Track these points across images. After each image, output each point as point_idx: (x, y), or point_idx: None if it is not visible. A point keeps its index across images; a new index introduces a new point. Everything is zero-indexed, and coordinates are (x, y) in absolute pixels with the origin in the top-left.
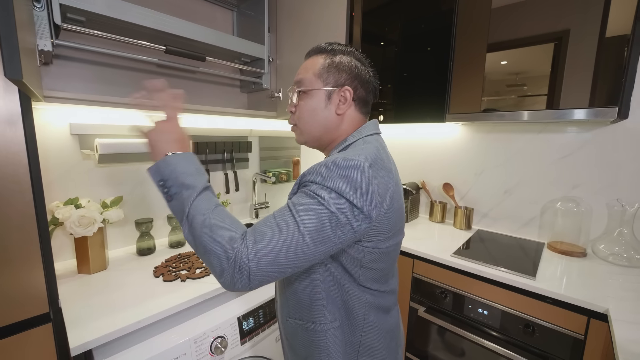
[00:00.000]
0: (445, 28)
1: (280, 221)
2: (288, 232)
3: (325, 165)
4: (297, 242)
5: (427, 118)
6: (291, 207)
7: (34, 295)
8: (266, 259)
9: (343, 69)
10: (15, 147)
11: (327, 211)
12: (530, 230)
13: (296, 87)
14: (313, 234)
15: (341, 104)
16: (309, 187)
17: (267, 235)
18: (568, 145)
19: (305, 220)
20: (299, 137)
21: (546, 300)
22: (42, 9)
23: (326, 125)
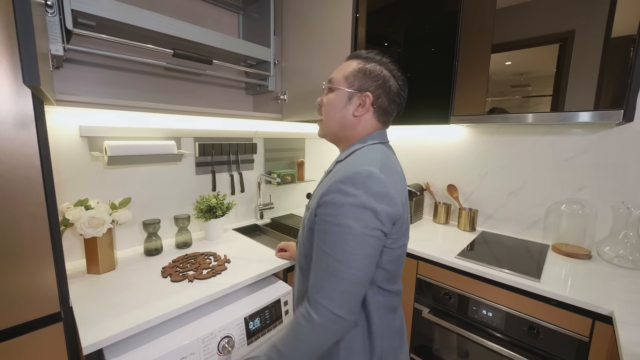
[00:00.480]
0: (450, 29)
1: (331, 269)
2: (340, 274)
3: (342, 181)
4: (352, 274)
5: (431, 120)
6: (330, 254)
7: (45, 295)
8: (340, 300)
9: (370, 76)
10: (29, 150)
11: (360, 236)
12: (534, 232)
13: (327, 84)
14: (362, 262)
15: (360, 107)
16: (331, 218)
17: (329, 286)
18: (573, 147)
19: (348, 259)
20: (320, 130)
21: (551, 302)
22: (54, 14)
23: (343, 123)
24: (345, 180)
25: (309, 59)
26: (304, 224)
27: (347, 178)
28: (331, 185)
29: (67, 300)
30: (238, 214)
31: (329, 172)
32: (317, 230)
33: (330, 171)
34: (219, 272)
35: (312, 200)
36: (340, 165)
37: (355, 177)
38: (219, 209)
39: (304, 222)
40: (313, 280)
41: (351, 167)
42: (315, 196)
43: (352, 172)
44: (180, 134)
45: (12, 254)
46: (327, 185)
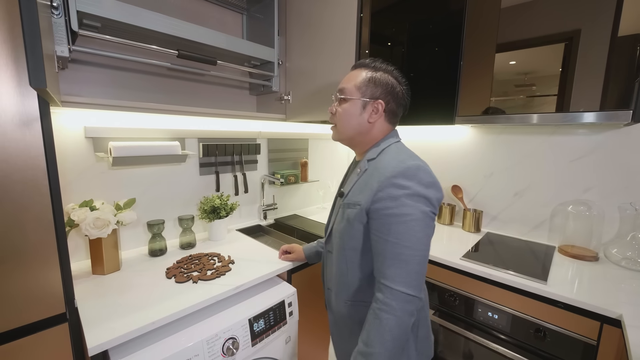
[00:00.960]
0: (454, 28)
1: (402, 256)
2: (410, 258)
3: (394, 176)
4: (420, 256)
5: (436, 120)
6: (396, 242)
7: (51, 296)
8: (416, 282)
9: (380, 84)
10: (35, 152)
11: (420, 220)
12: (540, 233)
13: (338, 94)
14: (425, 242)
15: (373, 113)
16: (393, 210)
17: (404, 272)
18: (580, 147)
19: (414, 242)
20: (335, 135)
21: (557, 305)
22: (60, 15)
23: (359, 130)
24: (398, 175)
25: (313, 59)
26: (348, 220)
27: (399, 173)
28: (384, 181)
29: (73, 301)
30: (242, 214)
31: (364, 171)
32: (377, 224)
33: (366, 170)
34: (223, 273)
35: (357, 197)
36: (375, 162)
37: (406, 171)
38: (223, 210)
39: (347, 218)
40: (384, 272)
41: (396, 163)
42: (358, 193)
43: (402, 167)
44: (185, 135)
45: (18, 255)
46: (378, 182)
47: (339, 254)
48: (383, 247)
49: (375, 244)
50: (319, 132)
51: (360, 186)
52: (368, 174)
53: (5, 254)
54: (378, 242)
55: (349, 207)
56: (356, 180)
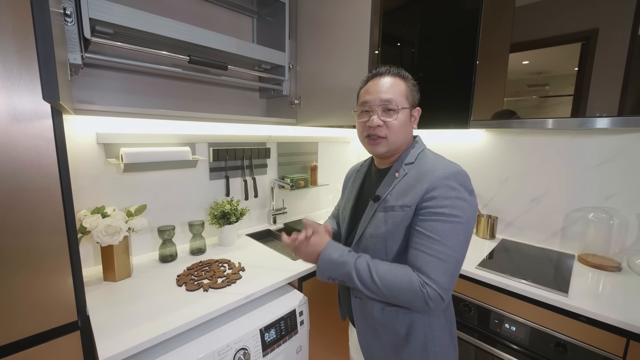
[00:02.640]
0: (470, 28)
1: (442, 255)
2: (449, 259)
3: (447, 178)
4: (458, 259)
5: (450, 124)
6: (439, 240)
7: (62, 304)
8: (448, 284)
9: (414, 91)
10: (47, 160)
11: (464, 224)
12: (558, 241)
13: (385, 105)
14: (465, 247)
15: (415, 120)
16: (443, 209)
17: (440, 271)
18: (602, 152)
19: (456, 245)
20: (383, 147)
21: (580, 319)
22: (73, 23)
23: (407, 138)
24: (450, 177)
25: (324, 62)
26: (394, 223)
27: (452, 175)
28: (436, 181)
29: (84, 309)
30: (251, 219)
31: (404, 175)
32: (423, 219)
33: (406, 174)
34: (234, 281)
35: (402, 200)
36: (416, 166)
37: (457, 175)
38: (233, 215)
39: (393, 222)
40: (421, 266)
41: (445, 166)
42: (402, 196)
43: (454, 170)
44: (195, 139)
45: (31, 263)
46: (429, 182)
47: (377, 257)
48: (423, 242)
49: (414, 237)
50: (329, 136)
51: (403, 189)
52: (411, 177)
53: (18, 262)
54: (418, 236)
55: (393, 209)
56: (395, 184)
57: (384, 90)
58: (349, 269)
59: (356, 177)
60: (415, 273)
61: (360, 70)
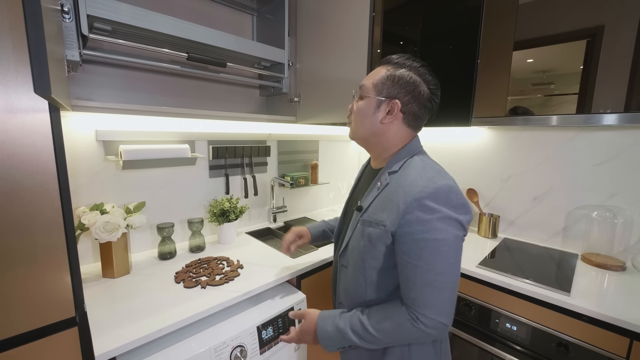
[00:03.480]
0: (471, 25)
1: (435, 283)
2: (443, 285)
3: (424, 198)
4: (453, 282)
5: (451, 122)
6: (429, 269)
7: (60, 300)
8: (449, 309)
9: (399, 83)
10: (45, 157)
11: (452, 244)
12: (561, 240)
13: (357, 91)
14: (457, 267)
15: (388, 114)
16: (424, 235)
17: (437, 299)
18: (605, 150)
19: (447, 268)
20: (350, 133)
21: (582, 319)
22: (71, 19)
23: (372, 130)
24: (427, 196)
25: (324, 60)
26: (370, 239)
27: (429, 194)
28: (411, 203)
29: (82, 305)
30: (251, 217)
31: (385, 185)
32: (406, 248)
33: (387, 184)
34: (232, 278)
35: (380, 216)
36: (397, 177)
37: (437, 192)
38: (232, 213)
39: (369, 238)
40: (414, 298)
41: (424, 181)
42: (381, 211)
43: (432, 187)
44: (194, 137)
45: (28, 259)
46: (404, 203)
47: (357, 271)
48: (413, 273)
49: (404, 268)
50: (330, 134)
51: (382, 202)
52: (390, 189)
53: (16, 258)
54: (407, 267)
55: (370, 225)
56: (377, 195)
57: (366, 77)
58: (348, 336)
59: (361, 174)
60: (405, 309)
61: (359, 68)
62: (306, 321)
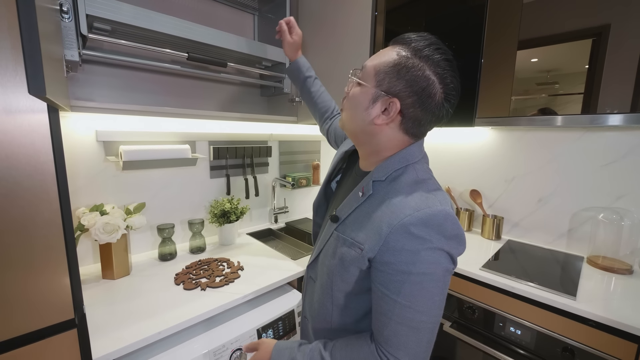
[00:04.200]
0: (475, 25)
1: (413, 323)
2: (422, 326)
3: (413, 224)
4: (434, 323)
5: (454, 122)
6: (408, 306)
7: (59, 302)
8: (424, 354)
9: (405, 77)
10: (44, 157)
11: (440, 280)
12: (566, 242)
13: (356, 72)
14: (441, 306)
15: (382, 114)
16: (409, 267)
17: (413, 341)
18: (612, 150)
19: (430, 307)
20: (340, 122)
21: (589, 323)
22: (70, 19)
23: (362, 127)
24: (418, 222)
25: (325, 60)
26: (342, 260)
27: (421, 221)
28: (398, 228)
29: (81, 307)
30: (252, 217)
31: (368, 195)
32: (384, 278)
33: (370, 194)
34: (232, 280)
35: (357, 235)
36: (384, 188)
37: (430, 219)
38: (233, 214)
39: (341, 259)
40: (387, 336)
41: (416, 202)
42: (359, 229)
43: (426, 213)
44: (195, 138)
45: (27, 260)
46: (389, 225)
47: (324, 291)
48: (389, 308)
49: (379, 300)
50: None
51: (361, 217)
52: (373, 202)
53: (14, 259)
54: (383, 299)
55: (345, 244)
56: (356, 207)
57: (372, 56)
58: None
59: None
60: (374, 348)
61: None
62: (260, 352)
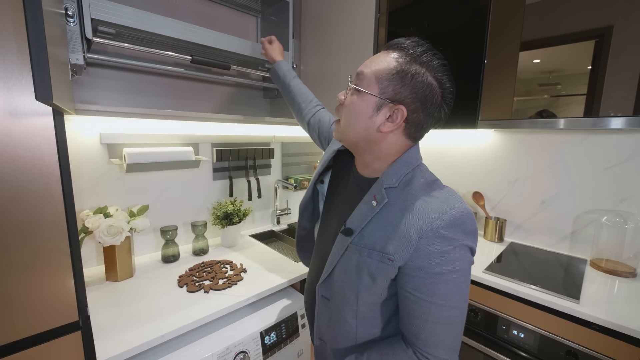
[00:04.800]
0: (478, 26)
1: (447, 320)
2: (456, 321)
3: (443, 227)
4: (464, 315)
5: (457, 124)
6: (443, 304)
7: (63, 304)
8: (457, 345)
9: (410, 83)
10: (49, 160)
11: (467, 275)
12: (569, 245)
13: (352, 79)
14: (467, 298)
15: (388, 121)
16: (441, 268)
17: (448, 336)
18: (616, 153)
19: (462, 303)
20: (337, 133)
21: (592, 327)
22: (75, 23)
23: (365, 136)
24: (446, 226)
25: (328, 62)
26: (370, 274)
27: (448, 223)
28: (428, 232)
29: (85, 309)
30: (255, 219)
31: (383, 204)
32: (417, 282)
33: (386, 202)
34: (235, 282)
35: (383, 245)
36: (399, 195)
37: (456, 220)
38: (236, 216)
39: (369, 272)
40: (427, 338)
41: (439, 205)
42: (384, 240)
43: (452, 214)
44: (198, 140)
45: (31, 262)
46: (418, 232)
47: (346, 307)
48: (425, 310)
49: (412, 304)
50: None
51: (383, 227)
52: (393, 210)
53: (19, 262)
54: (417, 302)
55: (370, 256)
56: (372, 217)
57: (364, 63)
58: None
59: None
60: (414, 352)
61: None
62: None
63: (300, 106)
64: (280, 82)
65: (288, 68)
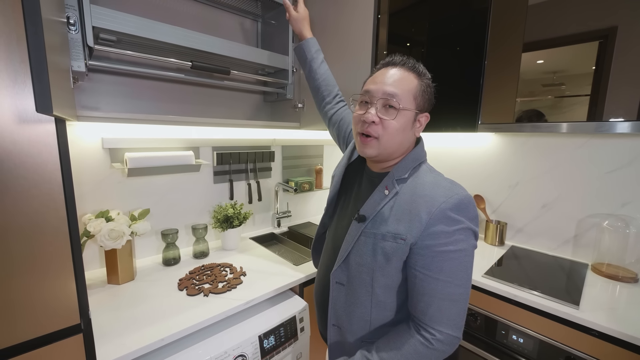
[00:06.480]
0: (478, 27)
1: (453, 296)
2: (460, 298)
3: (450, 209)
4: (468, 293)
5: (457, 127)
6: (449, 281)
7: (65, 307)
8: (462, 322)
9: (427, 95)
10: (51, 167)
11: (471, 255)
12: (570, 249)
13: (389, 100)
14: (470, 277)
15: (419, 128)
16: (448, 247)
17: (454, 313)
18: (618, 157)
19: (466, 280)
20: (373, 150)
21: (592, 333)
22: (77, 31)
23: (403, 144)
24: (452, 208)
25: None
26: (385, 255)
27: (454, 206)
28: (436, 214)
29: (87, 312)
30: (255, 222)
31: (395, 194)
32: (425, 260)
33: (397, 193)
34: (235, 285)
35: (396, 227)
36: (409, 185)
37: (460, 204)
38: (236, 219)
39: (384, 253)
40: (430, 313)
41: (444, 191)
42: (396, 222)
43: (456, 198)
44: (199, 144)
45: (34, 266)
46: (428, 213)
47: (361, 290)
48: (432, 287)
49: (421, 282)
50: None
51: (395, 213)
52: (403, 197)
53: (22, 266)
54: (425, 280)
55: (385, 238)
56: (385, 204)
57: (390, 83)
58: None
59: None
60: (414, 331)
61: (362, 73)
62: None
63: (324, 99)
64: (307, 66)
65: (317, 49)
